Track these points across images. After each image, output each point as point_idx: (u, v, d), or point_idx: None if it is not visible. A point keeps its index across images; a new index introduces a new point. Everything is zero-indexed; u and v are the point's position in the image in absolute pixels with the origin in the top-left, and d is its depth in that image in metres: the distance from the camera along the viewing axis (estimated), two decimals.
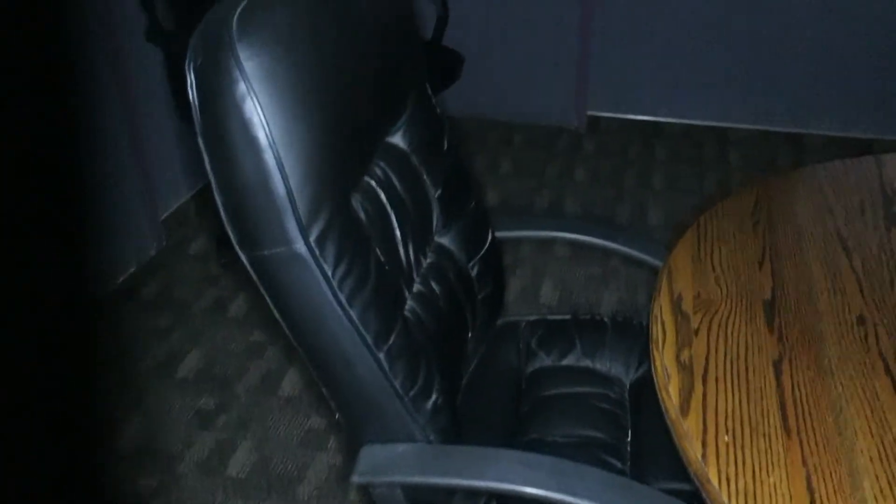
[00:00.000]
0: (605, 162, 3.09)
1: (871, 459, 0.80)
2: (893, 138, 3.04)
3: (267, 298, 0.83)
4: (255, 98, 0.73)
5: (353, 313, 0.80)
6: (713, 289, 1.07)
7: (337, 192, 0.82)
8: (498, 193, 2.91)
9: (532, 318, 1.30)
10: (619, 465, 1.04)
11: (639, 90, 3.36)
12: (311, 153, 0.78)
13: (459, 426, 0.97)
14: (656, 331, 0.99)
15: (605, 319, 1.27)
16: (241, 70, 0.72)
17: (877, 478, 0.78)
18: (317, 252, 0.77)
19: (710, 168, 3.02)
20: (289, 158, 0.76)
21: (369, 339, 0.81)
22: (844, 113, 3.11)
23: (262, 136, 0.74)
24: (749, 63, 3.16)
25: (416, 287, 0.99)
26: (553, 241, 2.23)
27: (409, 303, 0.96)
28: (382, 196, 0.94)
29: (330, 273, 0.78)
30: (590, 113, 3.40)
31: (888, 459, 0.80)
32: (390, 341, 0.83)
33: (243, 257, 0.81)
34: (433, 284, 1.02)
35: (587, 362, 1.21)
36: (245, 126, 0.74)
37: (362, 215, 0.88)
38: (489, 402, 1.19)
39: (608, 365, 1.20)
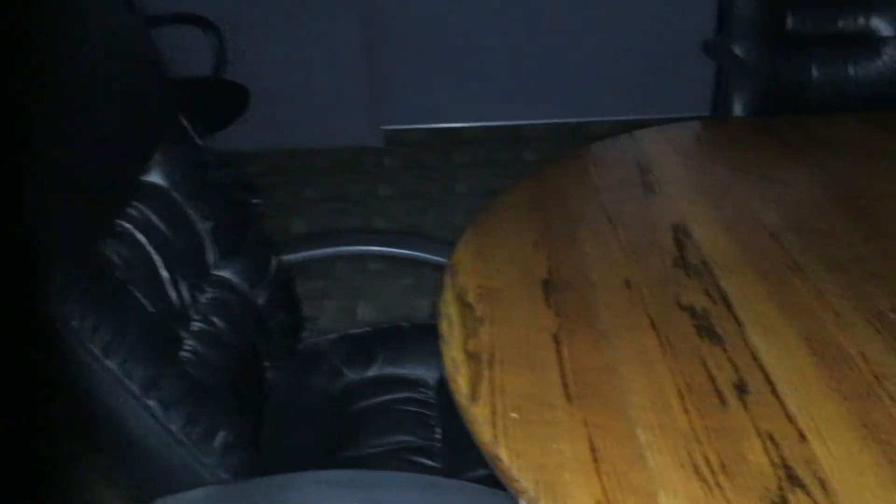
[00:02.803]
0: (407, 174, 3.15)
1: (643, 410, 0.86)
2: (660, 116, 3.31)
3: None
4: None
5: (111, 365, 0.75)
6: (495, 277, 1.11)
7: (78, 244, 0.77)
8: (306, 221, 2.88)
9: (334, 336, 1.30)
10: (430, 463, 1.06)
11: (432, 100, 3.45)
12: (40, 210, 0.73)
13: (262, 459, 0.94)
14: (443, 326, 1.01)
15: (406, 325, 1.29)
16: None
17: (649, 426, 0.84)
18: (60, 309, 0.72)
19: (507, 166, 3.15)
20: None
21: (135, 390, 0.77)
22: (620, 100, 3.36)
23: None
24: (533, 62, 3.34)
25: (196, 325, 0.95)
26: (351, 256, 2.24)
27: (189, 342, 0.92)
28: (141, 237, 0.90)
29: (76, 328, 0.73)
30: (387, 128, 3.45)
31: (657, 408, 0.86)
32: (161, 387, 0.79)
33: None
34: (215, 320, 0.99)
35: (391, 370, 1.22)
36: None
37: (116, 260, 0.83)
38: (302, 428, 1.17)
39: (412, 368, 1.22)
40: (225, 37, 2.79)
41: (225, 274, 1.08)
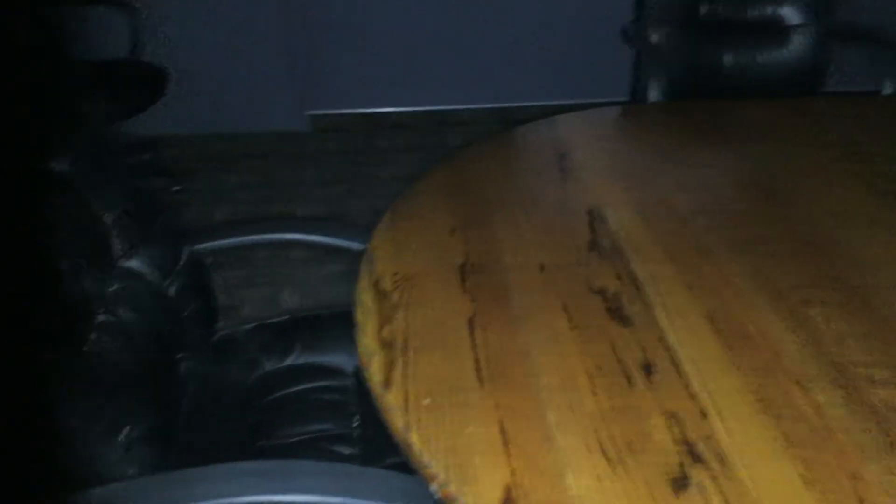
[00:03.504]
0: (333, 160, 3.12)
1: (553, 391, 0.88)
2: (585, 101, 3.36)
3: None
4: None
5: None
6: (410, 264, 1.12)
7: None
8: (229, 208, 2.82)
9: (250, 325, 1.28)
10: (348, 451, 1.06)
11: (358, 84, 3.41)
12: None
13: (175, 453, 0.92)
14: (358, 314, 1.01)
15: (325, 312, 1.28)
16: None
17: (558, 407, 0.86)
18: None
19: (432, 151, 3.15)
20: None
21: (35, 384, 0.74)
22: (546, 85, 3.39)
23: None
24: (460, 47, 3.33)
25: (101, 318, 0.93)
26: (275, 243, 2.20)
27: (93, 335, 0.89)
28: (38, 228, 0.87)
29: None
30: (312, 113, 3.41)
31: (566, 389, 0.88)
32: (61, 382, 0.77)
33: None
34: (122, 312, 0.96)
35: (309, 358, 1.21)
36: None
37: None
38: (218, 420, 1.15)
39: (330, 356, 1.21)
40: (143, 18, 2.71)
41: (133, 264, 1.05)
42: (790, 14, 2.00)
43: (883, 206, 1.26)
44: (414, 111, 3.44)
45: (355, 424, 1.11)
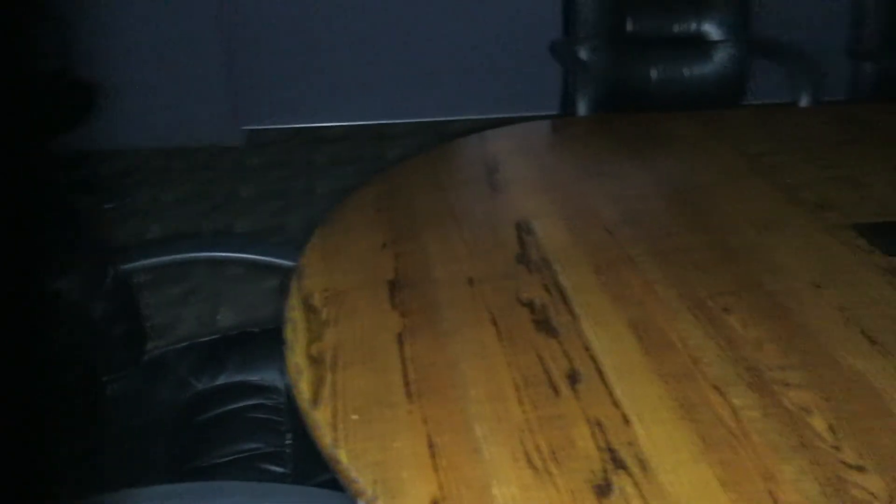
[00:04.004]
0: (269, 174, 3.10)
1: (480, 403, 0.89)
2: (520, 114, 3.41)
3: None
4: None
5: None
6: (341, 280, 1.12)
7: None
8: (164, 225, 2.77)
9: (180, 345, 1.26)
10: (279, 470, 1.05)
11: (295, 99, 3.40)
12: None
13: (100, 478, 0.91)
14: (288, 331, 1.01)
15: (256, 330, 1.28)
16: None
17: (485, 419, 0.87)
18: None
19: (370, 165, 3.15)
20: None
21: None
22: (482, 99, 3.43)
23: None
24: (396, 62, 3.35)
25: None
26: (210, 261, 2.18)
27: None
28: None
29: None
30: (248, 128, 3.38)
31: (494, 401, 0.90)
32: None
33: None
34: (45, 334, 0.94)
35: (240, 377, 1.20)
36: None
37: None
38: (147, 442, 1.14)
39: (262, 374, 1.20)
40: (73, 31, 2.65)
41: (58, 286, 1.03)
42: (712, 30, 2.07)
43: (797, 213, 1.31)
44: (351, 125, 3.45)
45: (287, 442, 1.11)
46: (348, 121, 3.46)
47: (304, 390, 0.91)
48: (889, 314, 1.05)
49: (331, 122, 3.46)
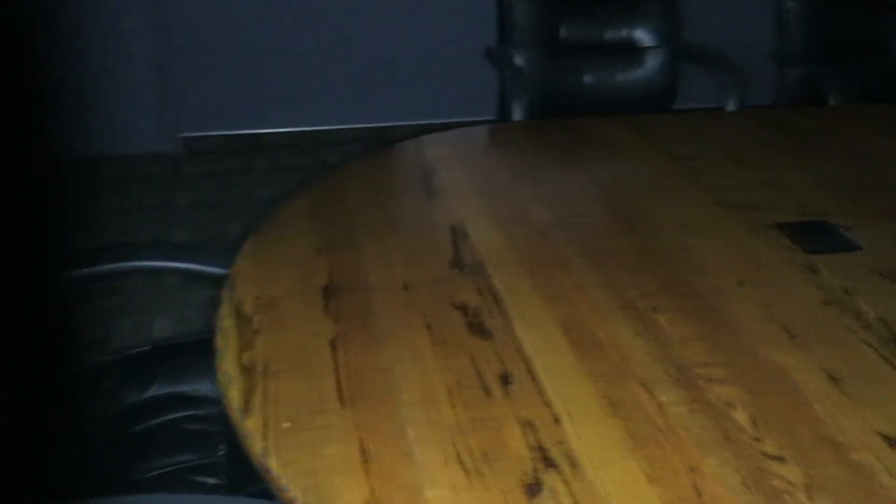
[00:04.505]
0: (208, 182, 3.05)
1: (413, 407, 0.90)
2: (461, 119, 3.44)
3: None
4: None
5: None
6: (274, 287, 1.11)
7: None
8: (97, 235, 2.71)
9: (111, 358, 1.24)
10: (213, 482, 1.04)
11: (234, 105, 3.36)
12: None
13: (23, 497, 0.88)
14: (218, 340, 1.00)
15: (188, 340, 1.26)
16: None
17: (418, 422, 0.87)
18: None
19: (310, 171, 3.13)
20: None
21: None
22: (423, 104, 3.44)
23: None
24: (336, 68, 3.34)
25: None
26: (146, 270, 2.14)
27: None
28: None
29: None
30: (185, 135, 3.32)
31: (426, 405, 0.90)
32: None
33: None
34: None
35: (172, 388, 1.18)
36: None
37: None
38: (77, 456, 1.11)
39: (195, 385, 1.19)
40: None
41: None
42: (643, 36, 2.12)
43: (723, 214, 1.35)
44: (291, 132, 3.42)
45: (221, 453, 1.09)
46: (289, 127, 3.43)
47: (234, 399, 0.90)
48: (808, 310, 1.09)
49: (271, 128, 3.42)
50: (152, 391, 1.18)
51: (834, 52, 2.24)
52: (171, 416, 1.14)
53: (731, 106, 1.91)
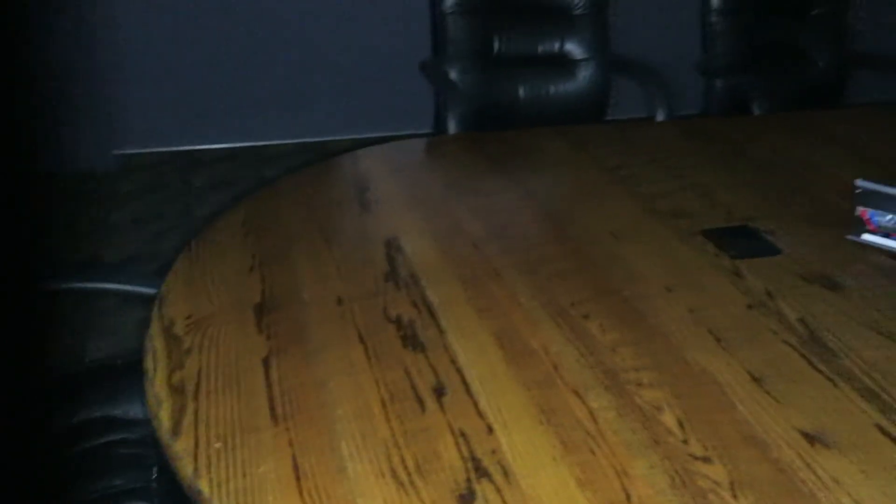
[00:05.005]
0: (144, 200, 3.00)
1: (347, 422, 0.90)
2: (398, 133, 3.45)
3: None
4: None
5: None
6: (205, 306, 1.10)
7: None
8: (29, 255, 2.62)
9: (39, 380, 1.20)
10: None
11: (171, 122, 3.31)
12: None
13: None
14: (148, 362, 0.98)
15: (119, 362, 1.23)
16: None
17: (352, 437, 0.87)
18: None
19: (248, 187, 3.10)
20: None
21: None
22: (360, 118, 3.45)
23: None
24: (273, 81, 3.32)
25: None
26: (79, 291, 2.08)
27: None
28: None
29: None
30: (122, 152, 3.26)
31: (360, 419, 0.90)
32: None
33: None
34: None
35: (102, 411, 1.15)
36: None
37: None
38: (3, 484, 1.07)
39: (126, 407, 1.16)
40: None
41: None
42: (574, 49, 2.16)
43: (652, 222, 1.38)
44: (229, 147, 3.39)
45: (153, 477, 1.07)
46: (226, 143, 3.40)
47: (163, 421, 0.88)
48: (733, 313, 1.13)
49: (208, 144, 3.38)
50: (83, 415, 1.15)
51: (758, 62, 2.32)
52: (102, 440, 1.11)
53: (660, 116, 1.96)
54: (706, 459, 0.86)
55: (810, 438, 0.89)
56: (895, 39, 3.20)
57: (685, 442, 0.88)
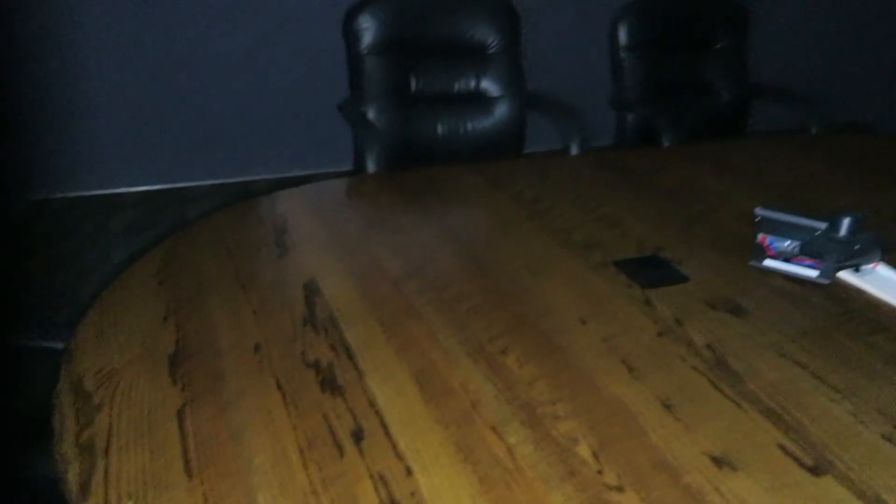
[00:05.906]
0: (59, 245, 2.90)
1: (264, 472, 0.88)
2: (321, 171, 3.45)
3: None
4: None
5: None
6: (117, 358, 1.07)
7: None
8: None
9: None
10: None
11: (86, 166, 3.23)
12: None
13: None
14: (55, 420, 0.95)
15: (28, 420, 1.19)
16: None
17: (269, 487, 0.86)
18: None
19: (169, 229, 3.04)
20: None
21: None
22: (282, 157, 3.43)
23: None
24: (194, 122, 3.28)
25: None
26: None
27: None
28: None
29: None
30: (35, 198, 3.16)
31: (278, 468, 0.89)
32: None
33: None
34: None
35: (11, 472, 1.11)
36: None
37: None
38: None
39: (34, 469, 1.12)
40: None
41: None
42: (490, 87, 2.22)
43: (566, 254, 1.42)
44: (148, 189, 3.32)
45: None
46: (145, 185, 3.33)
47: (71, 482, 0.86)
48: (644, 342, 1.16)
49: (126, 187, 3.31)
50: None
51: (665, 95, 2.42)
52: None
53: (574, 149, 2.02)
54: (619, 488, 0.88)
55: (718, 462, 0.92)
56: (787, 71, 3.38)
57: (600, 472, 0.90)
